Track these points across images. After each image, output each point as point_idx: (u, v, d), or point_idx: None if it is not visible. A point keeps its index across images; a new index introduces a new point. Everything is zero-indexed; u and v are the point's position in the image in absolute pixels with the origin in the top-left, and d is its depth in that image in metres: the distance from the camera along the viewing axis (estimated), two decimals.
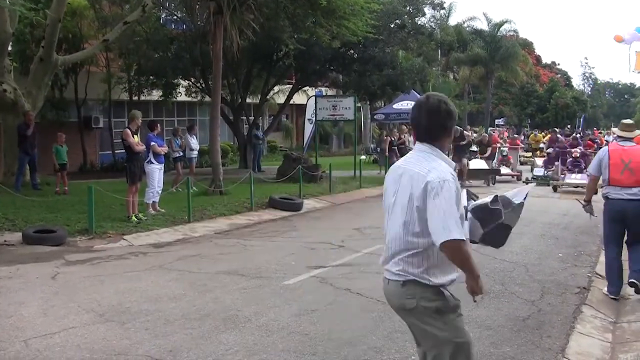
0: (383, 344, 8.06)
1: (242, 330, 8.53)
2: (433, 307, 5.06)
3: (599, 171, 10.54)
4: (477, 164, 31.10)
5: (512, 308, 9.78)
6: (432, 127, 5.01)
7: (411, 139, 31.27)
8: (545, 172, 30.52)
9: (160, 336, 8.26)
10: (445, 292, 5.11)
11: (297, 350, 7.79)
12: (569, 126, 77.88)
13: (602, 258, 13.88)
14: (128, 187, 17.61)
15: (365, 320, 9.01)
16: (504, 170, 32.95)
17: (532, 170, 33.19)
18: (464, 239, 4.83)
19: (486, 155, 32.74)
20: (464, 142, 29.63)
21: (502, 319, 9.22)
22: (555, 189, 26.84)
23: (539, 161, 33.80)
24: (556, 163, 29.90)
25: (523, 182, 30.59)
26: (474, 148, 32.11)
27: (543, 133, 49.62)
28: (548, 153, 33.08)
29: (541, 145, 42.84)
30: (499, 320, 9.15)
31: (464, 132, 33.58)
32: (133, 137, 17.38)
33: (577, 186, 25.10)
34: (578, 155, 27.95)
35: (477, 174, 30.68)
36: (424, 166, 4.89)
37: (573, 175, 26.69)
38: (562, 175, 27.58)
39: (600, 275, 12.34)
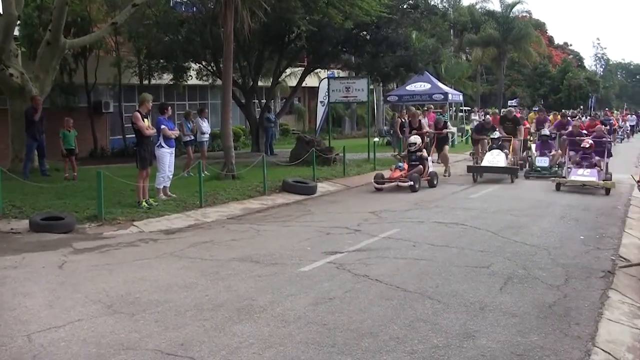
0: (405, 334, 7.71)
1: (257, 321, 8.18)
2: None
3: None
4: (495, 158, 24.71)
5: (536, 294, 9.48)
6: None
7: (425, 120, 30.85)
8: (550, 162, 25.55)
9: (170, 329, 7.91)
10: None
11: (315, 342, 7.44)
12: (581, 107, 77.54)
13: (625, 240, 13.64)
14: (138, 172, 17.26)
15: (385, 309, 8.68)
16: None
17: (529, 161, 27.13)
18: None
19: (516, 139, 26.67)
20: (446, 131, 27.73)
21: (528, 305, 8.90)
22: (558, 186, 21.71)
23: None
24: (563, 155, 24.95)
25: (524, 175, 25.40)
26: (494, 135, 26.16)
27: (552, 115, 42.92)
28: (542, 136, 26.92)
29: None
30: (524, 306, 8.84)
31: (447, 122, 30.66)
32: (143, 120, 17.02)
33: (584, 185, 21.56)
34: (588, 146, 22.71)
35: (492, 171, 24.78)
36: None
37: (580, 171, 22.12)
38: (569, 169, 23.00)
39: (624, 259, 12.04)
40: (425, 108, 33.80)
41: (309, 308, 8.68)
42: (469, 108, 57.74)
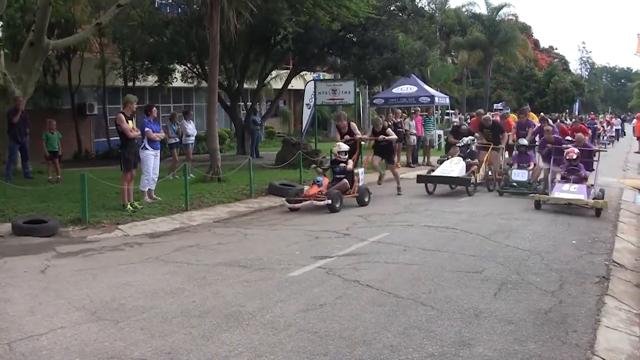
0: (399, 342, 7.48)
1: (246, 329, 7.93)
2: None
3: None
4: (451, 167, 21.72)
5: (532, 300, 9.30)
6: None
7: (412, 123, 30.63)
8: (529, 177, 21.42)
9: (156, 336, 7.65)
10: None
11: (306, 351, 7.20)
12: (567, 111, 77.71)
13: (618, 245, 13.50)
14: (122, 174, 17.03)
15: (377, 315, 8.46)
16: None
17: (506, 174, 22.44)
18: None
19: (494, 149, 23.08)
20: (388, 138, 21.29)
21: (523, 312, 8.72)
22: (538, 204, 18.06)
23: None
24: (544, 166, 21.23)
25: (497, 191, 21.71)
26: (462, 141, 22.70)
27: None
28: (520, 146, 22.12)
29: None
30: (519, 313, 8.65)
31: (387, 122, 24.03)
32: (127, 122, 16.82)
33: (569, 204, 17.79)
34: (574, 157, 18.71)
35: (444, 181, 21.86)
36: None
37: (566, 187, 18.29)
38: (552, 184, 19.11)
39: (617, 264, 11.89)
40: (413, 111, 33.56)
41: (300, 315, 8.44)
42: (453, 111, 57.68)
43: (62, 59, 32.90)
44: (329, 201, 17.93)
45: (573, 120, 39.75)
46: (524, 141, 22.28)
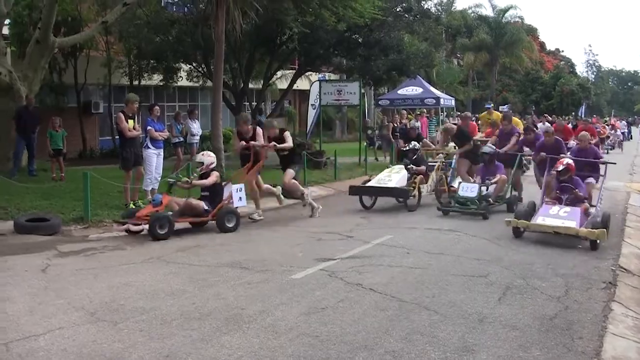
0: (402, 347, 7.39)
1: (246, 332, 7.84)
2: None
3: None
4: (389, 176, 19.04)
5: (537, 305, 9.19)
6: None
7: (418, 124, 30.61)
8: (479, 192, 17.52)
9: (155, 339, 7.56)
10: None
11: (307, 355, 7.10)
12: (573, 113, 77.50)
13: (624, 250, 13.37)
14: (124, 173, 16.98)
15: (379, 320, 8.36)
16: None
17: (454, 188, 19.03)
18: None
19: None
20: (280, 146, 17.15)
21: (528, 317, 8.61)
22: (518, 232, 14.36)
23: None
24: (539, 175, 17.59)
25: (439, 209, 17.83)
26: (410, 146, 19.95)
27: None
28: (484, 154, 18.84)
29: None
30: (524, 319, 8.54)
31: (286, 131, 17.87)
32: (127, 121, 16.81)
33: (556, 232, 13.74)
34: (561, 169, 14.67)
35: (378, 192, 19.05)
36: None
37: (554, 209, 14.15)
38: (543, 205, 14.76)
39: (624, 269, 11.78)
40: (418, 112, 33.47)
41: (301, 318, 8.35)
42: (460, 113, 57.50)
43: (68, 57, 32.92)
44: (146, 226, 14.18)
45: (578, 120, 38.53)
46: (488, 148, 19.02)
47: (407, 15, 34.61)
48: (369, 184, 19.16)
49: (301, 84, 42.06)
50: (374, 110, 53.87)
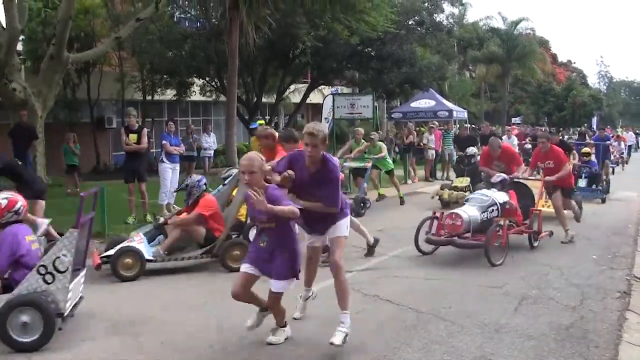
0: (420, 357, 7.48)
1: (266, 344, 7.92)
2: None
3: None
4: None
5: (552, 315, 9.23)
6: None
7: (431, 137, 30.57)
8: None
9: (178, 351, 7.67)
10: None
11: None
12: (585, 125, 77.31)
13: (638, 259, 13.38)
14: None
15: (397, 331, 8.44)
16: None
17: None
18: None
19: None
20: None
21: (544, 327, 8.66)
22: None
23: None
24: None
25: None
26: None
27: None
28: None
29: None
30: (540, 328, 8.59)
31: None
32: (128, 136, 17.04)
33: None
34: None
35: None
36: None
37: None
38: None
39: (638, 279, 11.79)
40: (432, 125, 33.45)
41: (319, 329, 8.43)
42: (474, 125, 57.39)
43: (81, 72, 32.97)
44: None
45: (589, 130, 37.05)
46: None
47: (419, 28, 34.73)
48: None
49: (314, 98, 42.07)
50: (387, 123, 53.96)
